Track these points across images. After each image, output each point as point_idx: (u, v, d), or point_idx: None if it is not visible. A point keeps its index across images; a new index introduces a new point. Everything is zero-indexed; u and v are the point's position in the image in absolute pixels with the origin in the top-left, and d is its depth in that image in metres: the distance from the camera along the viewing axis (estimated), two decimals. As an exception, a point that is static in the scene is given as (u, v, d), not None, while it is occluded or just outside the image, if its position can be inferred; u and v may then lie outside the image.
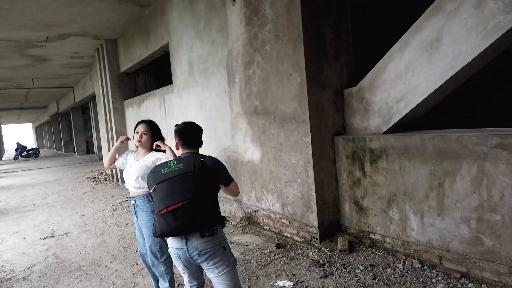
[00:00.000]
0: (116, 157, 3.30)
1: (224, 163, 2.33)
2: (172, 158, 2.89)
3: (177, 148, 2.43)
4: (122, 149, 7.40)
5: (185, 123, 2.47)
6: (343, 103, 4.21)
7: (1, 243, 5.47)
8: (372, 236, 3.85)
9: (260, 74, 4.51)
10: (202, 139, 2.49)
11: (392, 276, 3.22)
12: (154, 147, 3.05)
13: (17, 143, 27.79)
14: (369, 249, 3.77)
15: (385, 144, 3.60)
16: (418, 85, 3.39)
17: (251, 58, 4.62)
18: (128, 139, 3.16)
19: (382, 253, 3.66)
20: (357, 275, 3.30)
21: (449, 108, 5.65)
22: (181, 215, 2.03)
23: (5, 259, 4.70)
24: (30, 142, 54.63)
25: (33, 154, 27.10)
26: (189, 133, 2.43)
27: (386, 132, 3.76)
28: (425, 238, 3.33)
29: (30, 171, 16.70)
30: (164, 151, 3.01)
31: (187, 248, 2.14)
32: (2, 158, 29.08)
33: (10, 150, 45.23)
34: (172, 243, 2.21)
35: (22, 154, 26.93)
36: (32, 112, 33.45)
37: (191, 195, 2.05)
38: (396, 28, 4.06)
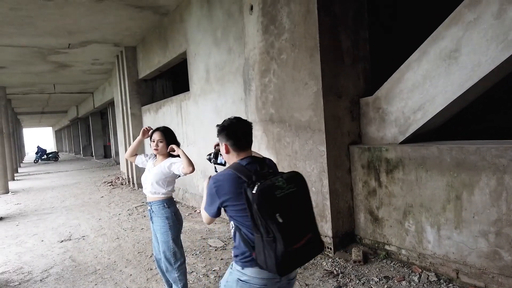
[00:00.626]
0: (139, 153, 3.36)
1: None
2: (184, 162, 2.90)
3: (227, 152, 1.92)
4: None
5: (233, 118, 1.96)
6: (359, 112, 4.19)
7: (20, 244, 5.60)
8: (387, 247, 3.80)
9: (276, 82, 4.53)
10: None
11: (407, 289, 3.17)
12: (168, 151, 3.08)
13: (38, 147, 28.48)
14: (384, 261, 3.72)
15: (401, 154, 3.56)
16: (436, 95, 3.35)
17: (267, 66, 4.65)
18: (149, 129, 3.19)
19: (397, 265, 3.60)
20: (371, 287, 3.26)
21: (468, 119, 5.55)
22: (311, 247, 1.76)
23: (23, 261, 4.81)
24: (50, 145, 55.93)
25: (53, 157, 27.71)
26: (245, 130, 1.95)
27: (403, 142, 3.72)
28: (442, 251, 3.27)
29: (50, 174, 17.08)
30: (178, 156, 3.04)
31: (280, 278, 1.83)
32: (23, 161, 29.83)
33: (30, 153, 46.36)
34: (261, 274, 1.79)
35: (42, 158, 27.56)
36: (52, 116, 34.33)
37: (313, 224, 1.80)
38: (414, 38, 4.03)
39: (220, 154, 2.14)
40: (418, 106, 3.52)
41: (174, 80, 10.30)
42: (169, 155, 3.11)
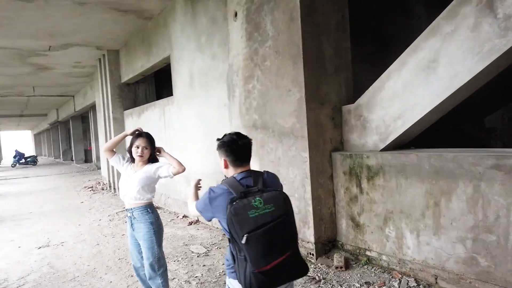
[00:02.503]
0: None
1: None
2: (175, 162, 2.92)
3: (226, 167, 1.99)
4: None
5: (234, 134, 2.00)
6: (341, 120, 4.25)
7: (-5, 251, 5.44)
8: (368, 253, 3.85)
9: (260, 88, 4.56)
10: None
11: (388, 295, 3.21)
12: (156, 152, 3.07)
13: (16, 150, 27.77)
14: (365, 266, 3.77)
15: (382, 161, 3.63)
16: (415, 104, 3.43)
17: (251, 72, 4.68)
18: (139, 130, 3.13)
19: (378, 270, 3.65)
20: (353, 293, 3.29)
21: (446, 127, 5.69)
22: (285, 269, 1.73)
23: (-1, 268, 4.67)
24: (29, 149, 54.57)
25: (31, 161, 27.03)
26: (245, 147, 1.97)
27: (384, 150, 3.79)
28: (421, 256, 3.33)
29: (28, 178, 16.65)
30: (156, 161, 3.07)
31: None
32: (0, 165, 28.97)
33: (8, 157, 45.10)
34: None
35: (20, 162, 26.87)
36: (32, 119, 33.51)
37: (292, 245, 1.78)
38: (394, 48, 4.13)
39: None
40: (398, 114, 3.60)
41: (157, 85, 10.23)
42: (149, 161, 3.08)
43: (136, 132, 3.10)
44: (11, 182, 15.46)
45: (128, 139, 3.20)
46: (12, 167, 25.98)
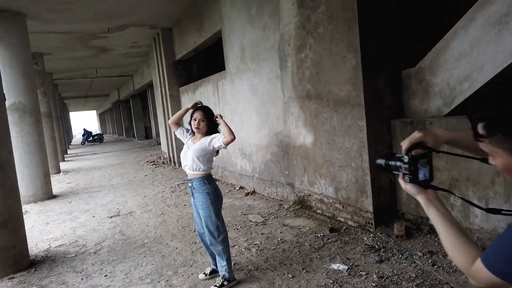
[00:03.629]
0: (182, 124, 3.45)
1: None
2: (226, 131, 3.00)
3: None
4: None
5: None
6: (400, 85, 4.05)
7: (74, 220, 6.01)
8: (431, 222, 3.72)
9: (312, 57, 4.45)
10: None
11: (453, 264, 3.11)
12: (214, 118, 3.19)
13: (84, 129, 29.96)
14: (428, 236, 3.66)
15: (446, 127, 3.42)
16: (484, 63, 3.16)
17: (303, 41, 4.57)
18: (200, 103, 3.28)
19: (441, 240, 3.53)
20: (415, 261, 3.23)
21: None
22: None
23: (78, 235, 5.17)
24: (95, 128, 58.65)
25: (98, 139, 29.07)
26: None
27: (448, 115, 3.57)
28: (490, 225, 3.16)
29: (96, 155, 17.97)
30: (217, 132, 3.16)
31: None
32: (71, 143, 31.51)
33: (77, 135, 48.86)
34: None
35: (88, 139, 29.00)
36: (96, 100, 35.80)
37: None
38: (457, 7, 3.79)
39: (421, 165, 1.15)
40: (465, 76, 3.34)
41: (210, 60, 10.37)
42: (207, 133, 3.18)
43: (196, 106, 3.24)
44: (82, 158, 16.80)
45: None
46: (82, 144, 28.17)
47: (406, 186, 1.15)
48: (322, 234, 4.13)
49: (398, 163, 1.17)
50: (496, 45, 3.05)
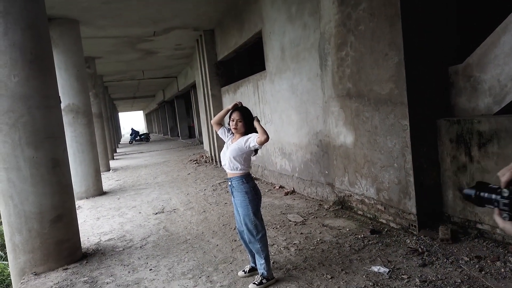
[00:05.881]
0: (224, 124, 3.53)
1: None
2: (260, 131, 3.02)
3: None
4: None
5: None
6: (447, 82, 3.88)
7: (122, 215, 6.33)
8: (479, 226, 3.54)
9: (353, 55, 4.38)
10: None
11: (502, 270, 2.94)
12: (238, 104, 3.27)
13: (131, 129, 31.25)
14: (476, 240, 3.48)
15: (496, 126, 3.24)
16: (539, 58, 2.96)
17: (344, 39, 4.51)
18: (240, 104, 3.35)
19: (490, 245, 3.35)
20: (461, 266, 3.09)
21: None
22: None
23: (125, 230, 5.44)
24: (141, 127, 61.10)
25: (145, 138, 30.23)
26: None
27: (498, 113, 3.38)
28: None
29: (143, 153, 18.74)
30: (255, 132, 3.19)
31: None
32: (120, 142, 32.99)
33: (126, 135, 51.17)
34: None
35: (136, 139, 30.20)
36: (142, 100, 37.31)
37: None
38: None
39: None
40: (518, 71, 3.15)
41: (250, 61, 10.48)
42: (245, 133, 3.24)
43: (235, 106, 3.31)
44: (130, 157, 17.59)
45: None
46: (130, 143, 29.41)
47: (504, 224, 0.99)
48: (362, 236, 4.06)
49: (494, 196, 0.98)
50: (553, 38, 2.85)
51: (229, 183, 3.30)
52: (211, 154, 11.71)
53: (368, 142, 4.34)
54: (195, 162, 12.49)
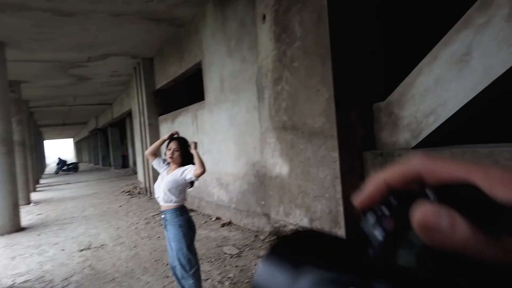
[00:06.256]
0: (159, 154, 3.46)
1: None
2: (197, 163, 3.00)
3: None
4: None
5: None
6: (372, 118, 4.19)
7: (41, 254, 5.76)
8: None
9: (288, 90, 4.58)
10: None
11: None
12: (188, 145, 3.22)
13: (58, 158, 29.22)
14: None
15: (415, 159, 3.54)
16: (447, 99, 3.33)
17: (280, 74, 4.71)
18: (176, 134, 3.30)
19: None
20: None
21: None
22: None
23: (45, 270, 4.94)
24: (70, 156, 57.28)
25: (73, 168, 28.34)
26: None
27: (416, 147, 3.70)
28: None
29: (70, 184, 17.47)
30: (192, 163, 3.14)
31: None
32: (44, 172, 30.58)
33: (51, 164, 47.54)
34: None
35: (63, 168, 28.21)
36: (73, 128, 35.20)
37: None
38: (425, 44, 4.03)
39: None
40: (430, 110, 3.50)
41: (189, 90, 10.48)
42: (182, 164, 3.19)
43: (177, 135, 3.27)
44: (54, 189, 16.29)
45: None
46: (55, 174, 27.32)
47: None
48: (297, 266, 4.09)
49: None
50: (457, 82, 3.24)
51: (163, 216, 3.18)
52: (145, 185, 11.26)
53: (302, 173, 4.48)
54: (127, 193, 11.91)
